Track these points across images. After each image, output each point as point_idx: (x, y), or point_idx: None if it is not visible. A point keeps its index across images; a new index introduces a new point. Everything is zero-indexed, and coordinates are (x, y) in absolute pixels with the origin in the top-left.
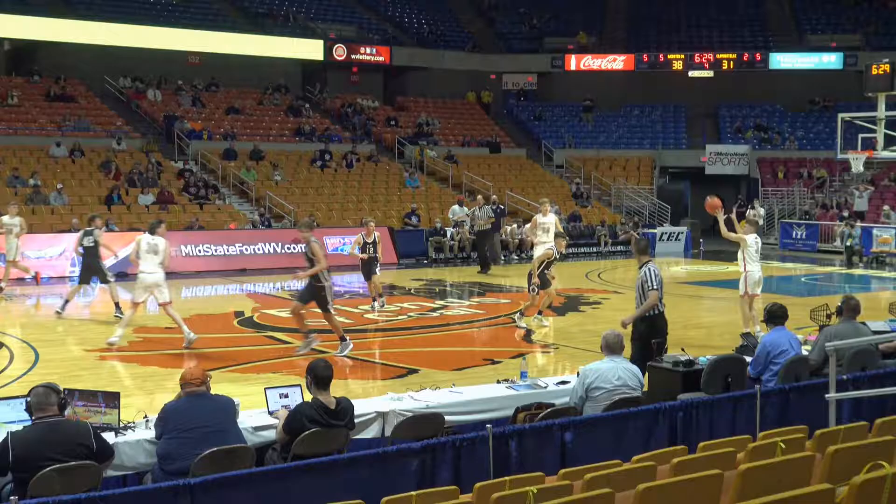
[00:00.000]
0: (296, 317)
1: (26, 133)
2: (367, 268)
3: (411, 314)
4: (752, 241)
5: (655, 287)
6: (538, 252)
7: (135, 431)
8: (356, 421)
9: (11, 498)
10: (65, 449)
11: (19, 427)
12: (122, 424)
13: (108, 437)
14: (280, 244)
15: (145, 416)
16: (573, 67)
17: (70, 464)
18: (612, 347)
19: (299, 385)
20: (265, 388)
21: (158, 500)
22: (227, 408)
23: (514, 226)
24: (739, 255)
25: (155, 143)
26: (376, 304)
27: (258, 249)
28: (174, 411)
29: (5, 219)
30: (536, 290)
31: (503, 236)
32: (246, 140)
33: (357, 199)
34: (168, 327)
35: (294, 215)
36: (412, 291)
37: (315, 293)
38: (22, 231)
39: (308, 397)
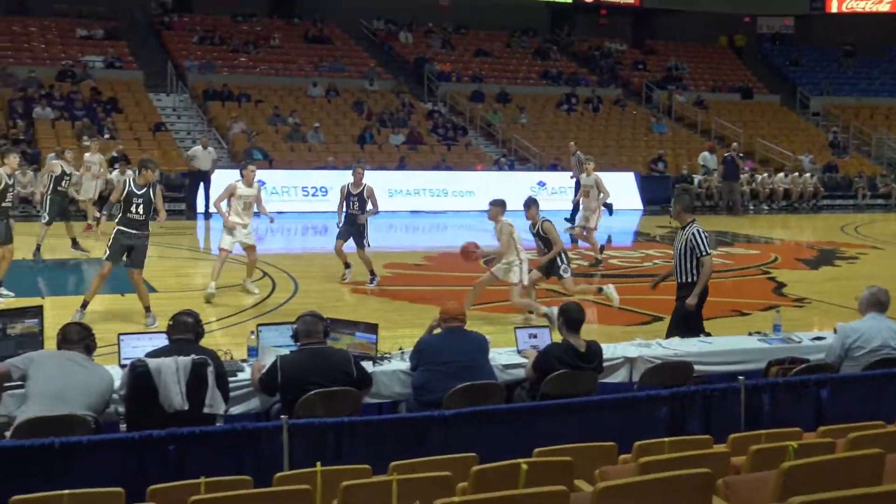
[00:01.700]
0: None
1: (286, 73)
2: (353, 226)
3: (656, 261)
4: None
5: (709, 252)
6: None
7: (391, 362)
8: (604, 365)
9: (281, 417)
10: (328, 374)
11: (286, 351)
12: (379, 355)
13: (367, 366)
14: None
15: (400, 349)
16: (834, 9)
17: (333, 389)
18: (882, 304)
19: (548, 327)
20: (515, 328)
21: (415, 429)
22: (481, 344)
23: (766, 175)
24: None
25: (405, 85)
26: (348, 272)
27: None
28: (429, 345)
29: (86, 156)
30: None
31: (752, 185)
32: (493, 83)
33: (603, 143)
34: (416, 264)
35: (539, 158)
36: (657, 238)
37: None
38: (102, 171)
39: (557, 339)
